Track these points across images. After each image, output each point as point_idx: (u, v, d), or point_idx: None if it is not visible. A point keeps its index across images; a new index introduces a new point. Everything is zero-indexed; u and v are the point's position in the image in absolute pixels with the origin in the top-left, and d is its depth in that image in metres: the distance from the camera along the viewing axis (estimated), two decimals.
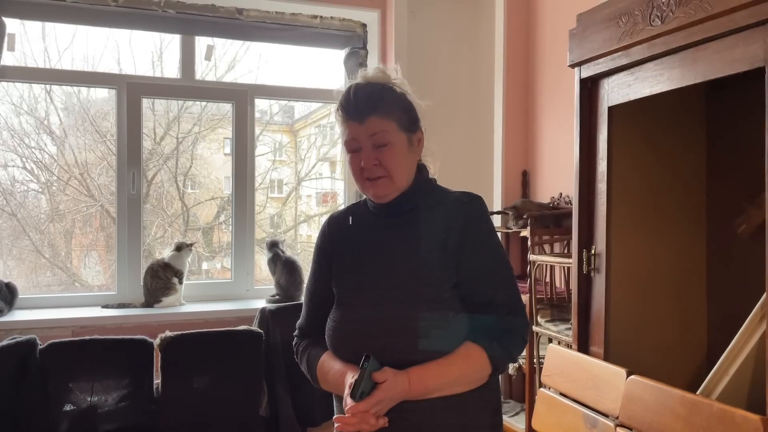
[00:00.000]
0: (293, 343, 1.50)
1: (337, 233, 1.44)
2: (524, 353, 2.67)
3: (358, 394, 1.18)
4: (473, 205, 1.34)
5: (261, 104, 3.62)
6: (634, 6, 1.68)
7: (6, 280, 2.93)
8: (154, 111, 3.47)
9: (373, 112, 1.28)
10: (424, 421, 1.24)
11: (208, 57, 3.43)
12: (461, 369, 1.25)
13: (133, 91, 3.17)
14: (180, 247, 3.15)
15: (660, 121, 1.98)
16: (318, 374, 1.37)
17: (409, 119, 1.34)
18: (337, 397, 1.36)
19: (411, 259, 1.30)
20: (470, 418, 1.29)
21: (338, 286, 1.38)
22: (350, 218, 1.46)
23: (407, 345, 1.24)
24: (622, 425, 1.60)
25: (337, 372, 1.30)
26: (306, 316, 1.48)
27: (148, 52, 3.46)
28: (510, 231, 3.06)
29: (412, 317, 1.24)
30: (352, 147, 1.31)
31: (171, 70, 3.45)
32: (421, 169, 1.41)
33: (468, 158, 3.54)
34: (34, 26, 3.18)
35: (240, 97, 3.37)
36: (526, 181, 3.32)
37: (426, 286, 1.27)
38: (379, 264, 1.33)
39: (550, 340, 2.46)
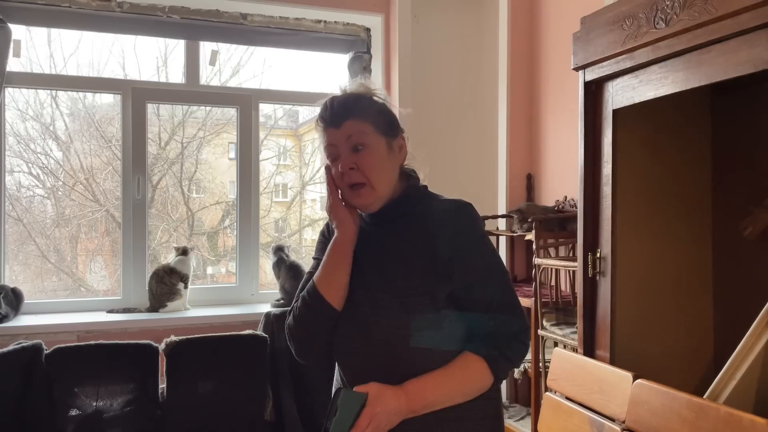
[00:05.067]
0: (285, 323, 1.44)
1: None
2: (529, 357, 2.66)
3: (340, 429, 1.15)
4: (461, 213, 1.31)
5: (265, 109, 3.63)
6: (639, 9, 1.68)
7: (12, 285, 2.94)
8: (159, 116, 3.48)
9: (349, 115, 1.28)
10: None
11: (212, 62, 3.44)
12: (460, 380, 1.22)
13: (138, 97, 3.18)
14: (185, 252, 3.15)
15: (665, 124, 1.98)
16: (319, 288, 1.32)
17: (387, 123, 1.33)
18: None
19: (402, 268, 1.28)
20: (470, 429, 1.27)
21: None
22: None
23: (401, 357, 1.22)
24: (628, 429, 1.59)
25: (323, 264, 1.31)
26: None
27: (152, 57, 3.48)
28: (515, 234, 3.05)
29: (405, 326, 1.22)
30: (331, 153, 1.31)
31: (176, 75, 3.47)
32: (410, 175, 1.40)
33: (472, 162, 3.54)
34: (39, 32, 3.20)
35: (244, 102, 3.38)
36: (530, 184, 3.32)
37: (418, 294, 1.25)
38: (370, 275, 1.31)
39: (556, 344, 2.45)
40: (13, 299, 2.89)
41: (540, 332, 2.58)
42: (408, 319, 1.23)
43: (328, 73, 3.71)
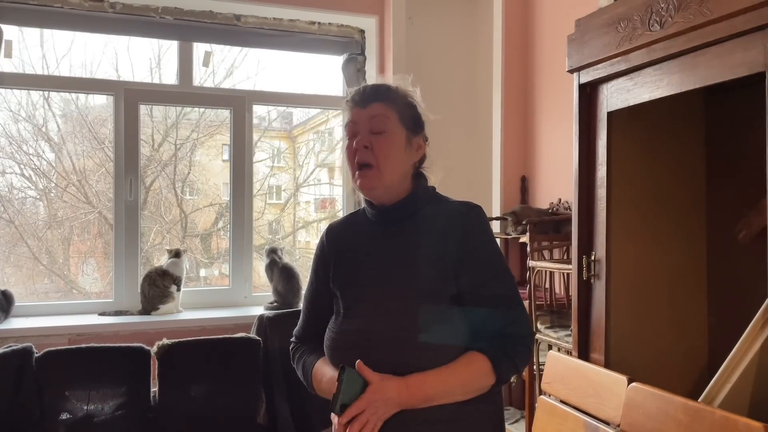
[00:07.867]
0: (290, 348, 1.49)
1: (336, 243, 1.43)
2: None
3: (337, 406, 1.17)
4: (472, 215, 1.32)
5: (259, 110, 3.62)
6: (633, 11, 1.67)
7: (2, 288, 2.92)
8: (152, 117, 3.46)
9: (378, 98, 1.32)
10: None
11: (206, 63, 3.42)
12: (463, 376, 1.23)
13: (130, 98, 3.16)
14: (178, 254, 3.13)
15: (659, 127, 1.98)
16: (313, 381, 1.37)
17: (412, 118, 1.36)
18: None
19: (408, 271, 1.28)
20: (471, 431, 1.27)
21: (336, 297, 1.37)
22: (348, 227, 1.45)
23: (405, 357, 1.22)
24: None
25: (329, 379, 1.30)
26: (303, 324, 1.48)
27: (146, 58, 3.46)
28: (509, 237, 3.05)
29: (410, 329, 1.22)
30: (351, 131, 1.34)
31: (169, 76, 3.45)
32: (420, 176, 1.40)
33: (467, 164, 3.53)
34: (32, 33, 3.17)
35: (238, 104, 3.36)
36: (525, 186, 3.31)
37: (423, 297, 1.25)
38: (376, 274, 1.32)
39: (550, 347, 2.44)
40: (4, 302, 2.87)
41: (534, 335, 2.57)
42: (413, 318, 1.23)
43: (322, 74, 3.71)
